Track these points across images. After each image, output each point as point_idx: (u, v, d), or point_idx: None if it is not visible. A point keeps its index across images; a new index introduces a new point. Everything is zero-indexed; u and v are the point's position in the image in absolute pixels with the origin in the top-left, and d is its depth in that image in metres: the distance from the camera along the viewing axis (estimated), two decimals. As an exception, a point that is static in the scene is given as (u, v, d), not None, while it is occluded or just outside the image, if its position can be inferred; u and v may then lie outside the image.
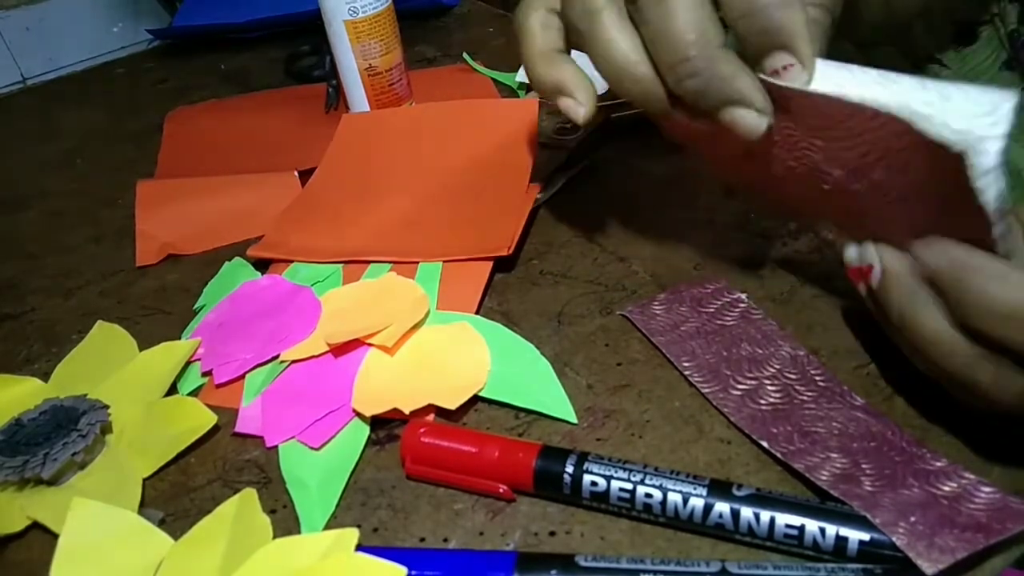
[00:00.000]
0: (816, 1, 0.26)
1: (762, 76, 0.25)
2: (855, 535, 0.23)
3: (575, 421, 0.29)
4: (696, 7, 0.25)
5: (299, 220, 0.41)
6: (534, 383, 0.30)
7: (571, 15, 0.28)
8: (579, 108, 0.29)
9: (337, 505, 0.27)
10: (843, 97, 0.23)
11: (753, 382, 0.29)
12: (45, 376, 0.34)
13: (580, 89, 0.29)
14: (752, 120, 0.25)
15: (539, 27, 0.30)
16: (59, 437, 0.29)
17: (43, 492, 0.28)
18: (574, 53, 0.30)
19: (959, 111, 0.21)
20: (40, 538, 0.28)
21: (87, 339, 0.36)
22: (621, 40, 0.26)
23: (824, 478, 0.25)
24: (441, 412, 0.30)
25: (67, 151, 0.56)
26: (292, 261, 0.39)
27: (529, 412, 0.30)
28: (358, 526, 0.25)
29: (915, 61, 0.49)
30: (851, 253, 0.27)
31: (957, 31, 0.46)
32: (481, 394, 0.30)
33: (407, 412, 0.29)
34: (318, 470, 0.28)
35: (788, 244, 0.36)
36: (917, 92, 0.22)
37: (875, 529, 0.23)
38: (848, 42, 0.51)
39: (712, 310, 0.33)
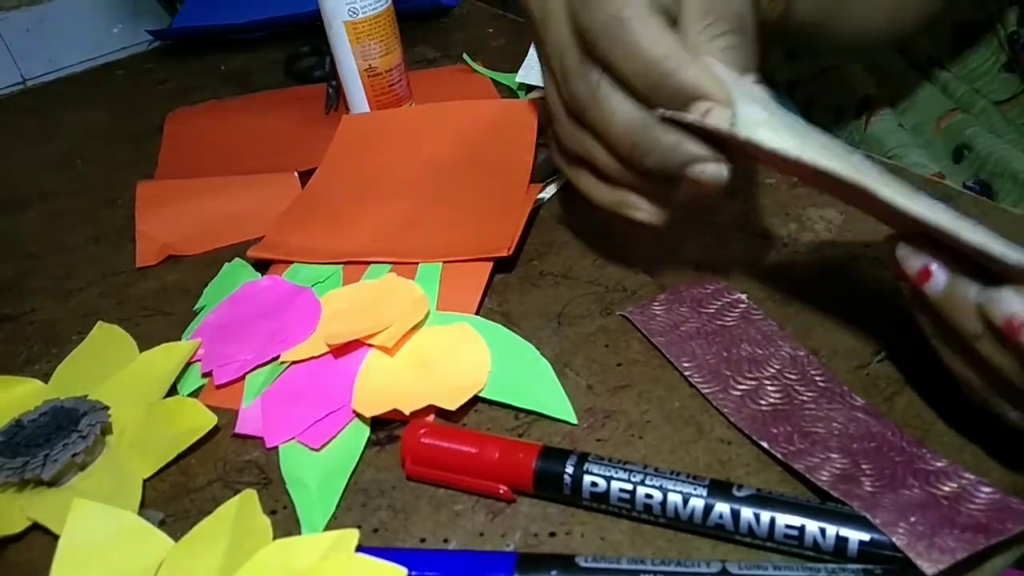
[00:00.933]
0: (721, 31, 0.28)
1: (730, 129, 0.26)
2: (855, 535, 0.23)
3: (575, 422, 0.29)
4: (624, 100, 0.27)
5: (299, 221, 0.41)
6: (534, 384, 0.30)
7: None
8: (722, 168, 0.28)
9: (337, 506, 0.27)
10: (781, 152, 0.25)
11: (753, 382, 0.29)
12: (45, 377, 0.34)
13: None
14: (712, 169, 0.27)
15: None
16: (59, 438, 0.29)
17: (43, 493, 0.28)
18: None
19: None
20: (40, 539, 0.28)
21: (87, 340, 0.36)
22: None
23: (824, 478, 0.25)
24: (441, 413, 0.30)
25: (67, 151, 0.56)
26: (292, 262, 0.39)
27: (529, 413, 0.30)
28: (358, 527, 0.25)
29: (915, 62, 0.49)
30: (905, 252, 0.24)
31: (957, 33, 0.46)
32: (481, 395, 0.30)
33: (407, 413, 0.29)
34: (318, 471, 0.28)
35: (788, 244, 0.36)
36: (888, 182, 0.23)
37: (875, 529, 0.23)
38: (855, 52, 0.51)
39: (712, 310, 0.33)
